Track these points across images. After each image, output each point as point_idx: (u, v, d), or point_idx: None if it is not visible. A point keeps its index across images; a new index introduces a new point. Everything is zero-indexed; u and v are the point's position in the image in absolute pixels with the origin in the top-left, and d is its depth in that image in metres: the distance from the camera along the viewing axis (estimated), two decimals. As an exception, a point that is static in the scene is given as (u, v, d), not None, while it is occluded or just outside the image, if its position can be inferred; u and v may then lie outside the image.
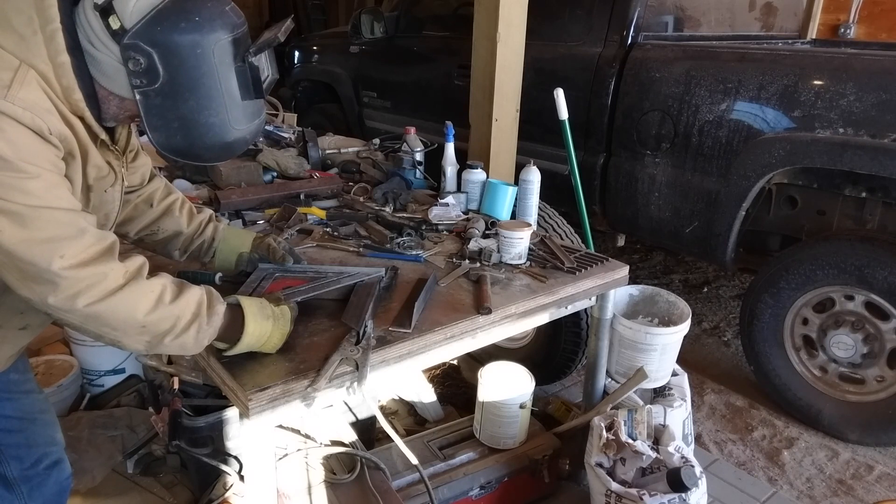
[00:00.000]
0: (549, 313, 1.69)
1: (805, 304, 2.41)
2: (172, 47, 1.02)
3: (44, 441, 1.38)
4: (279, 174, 2.43)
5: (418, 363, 1.43)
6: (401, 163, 2.44)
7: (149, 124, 1.06)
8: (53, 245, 0.96)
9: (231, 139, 1.13)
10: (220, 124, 1.11)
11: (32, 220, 0.94)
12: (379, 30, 3.96)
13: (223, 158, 1.20)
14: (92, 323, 1.02)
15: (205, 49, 1.04)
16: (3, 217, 0.92)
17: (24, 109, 0.93)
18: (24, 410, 1.32)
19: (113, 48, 1.01)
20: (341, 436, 1.74)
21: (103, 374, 2.31)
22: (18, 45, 0.96)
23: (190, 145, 1.11)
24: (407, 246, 1.89)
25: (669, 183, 2.67)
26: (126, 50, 1.00)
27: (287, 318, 1.28)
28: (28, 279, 0.96)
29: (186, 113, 1.07)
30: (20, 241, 0.94)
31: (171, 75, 1.03)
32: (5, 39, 0.96)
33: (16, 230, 0.93)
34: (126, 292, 1.02)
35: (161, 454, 2.09)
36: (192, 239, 1.49)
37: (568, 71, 2.93)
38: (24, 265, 0.95)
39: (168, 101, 1.05)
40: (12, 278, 0.97)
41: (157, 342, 1.08)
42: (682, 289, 3.73)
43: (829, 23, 4.62)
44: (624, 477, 1.72)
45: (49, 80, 0.99)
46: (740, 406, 2.60)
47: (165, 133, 1.08)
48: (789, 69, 2.32)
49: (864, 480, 2.19)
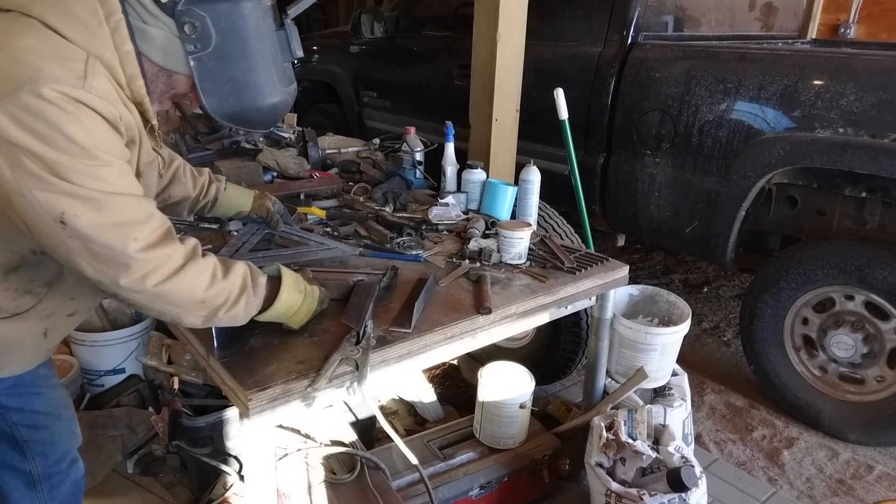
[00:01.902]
0: (549, 313, 1.69)
1: (805, 304, 2.41)
2: (223, 10, 1.09)
3: (67, 437, 1.38)
4: (279, 174, 2.43)
5: (418, 363, 1.43)
6: (401, 163, 2.44)
7: (203, 89, 1.12)
8: (127, 229, 1.00)
9: (277, 100, 1.21)
10: (268, 85, 1.18)
11: (107, 205, 0.98)
12: (379, 30, 3.96)
13: (269, 123, 1.26)
14: (158, 302, 1.07)
15: (251, 11, 1.12)
16: (79, 203, 0.95)
17: (100, 98, 0.98)
18: (52, 406, 1.32)
19: (165, 20, 1.06)
20: (341, 436, 1.74)
21: (103, 374, 2.31)
22: (84, 36, 0.99)
23: (242, 108, 1.17)
24: (407, 246, 1.89)
25: (669, 183, 2.67)
26: (181, 16, 1.06)
27: (315, 297, 1.36)
28: (101, 262, 0.99)
29: (237, 75, 1.14)
30: (96, 226, 0.97)
31: (223, 38, 1.10)
32: (71, 31, 0.98)
33: (92, 215, 0.96)
34: (187, 271, 1.08)
35: (161, 454, 2.09)
36: (197, 200, 1.60)
37: (568, 71, 2.93)
38: (100, 248, 0.98)
39: (220, 65, 1.11)
40: (84, 262, 0.99)
41: (212, 316, 1.14)
42: (682, 289, 3.73)
43: (829, 23, 4.63)
44: (624, 477, 1.72)
45: (114, 68, 1.03)
46: (740, 406, 2.60)
47: (219, 97, 1.14)
48: (789, 69, 2.32)
49: (864, 480, 2.19)
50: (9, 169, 0.92)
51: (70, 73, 0.95)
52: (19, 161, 0.91)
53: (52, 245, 0.98)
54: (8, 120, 0.90)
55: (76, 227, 0.96)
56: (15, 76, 0.91)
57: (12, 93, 0.90)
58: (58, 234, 0.96)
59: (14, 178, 0.92)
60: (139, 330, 2.30)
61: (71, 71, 0.96)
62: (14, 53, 0.94)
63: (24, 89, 0.91)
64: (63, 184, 0.94)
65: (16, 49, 0.94)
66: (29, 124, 0.91)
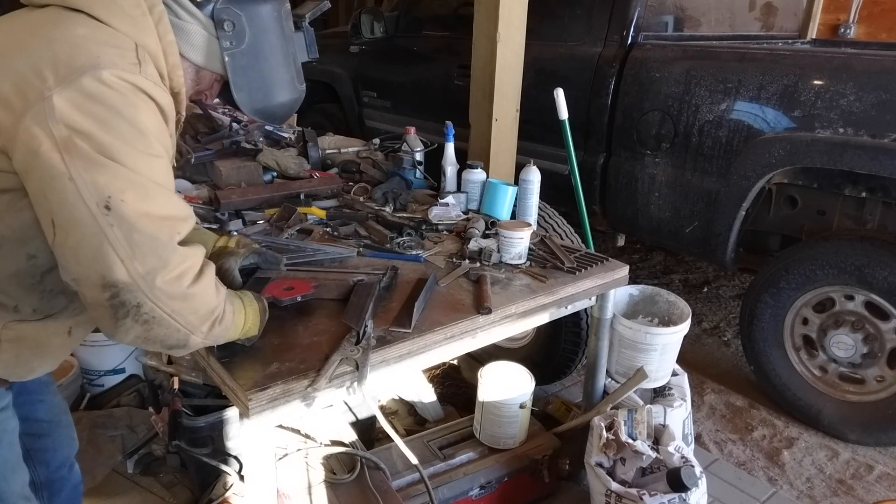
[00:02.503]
0: (549, 313, 1.69)
1: (805, 304, 2.41)
2: (257, 10, 1.17)
3: (66, 444, 1.38)
4: (279, 174, 2.42)
5: (418, 363, 1.43)
6: (401, 163, 2.44)
7: (235, 84, 1.19)
8: (171, 223, 0.99)
9: (297, 95, 1.31)
10: (290, 81, 1.29)
11: (155, 195, 0.97)
12: (379, 30, 3.96)
13: (286, 117, 1.35)
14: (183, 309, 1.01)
15: (279, 12, 1.22)
16: (129, 187, 0.93)
17: (154, 85, 0.99)
18: (53, 413, 1.32)
19: (201, 17, 1.12)
20: (341, 436, 1.74)
21: (103, 374, 2.31)
22: (130, 26, 1.01)
23: (268, 103, 1.26)
24: (407, 246, 1.89)
25: (669, 183, 2.67)
26: (220, 14, 1.12)
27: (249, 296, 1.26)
28: (138, 257, 0.94)
29: (266, 71, 1.22)
30: (142, 214, 0.94)
31: (255, 36, 1.17)
32: (119, 22, 1.00)
33: (139, 203, 0.94)
34: (206, 273, 1.06)
35: (161, 454, 2.09)
36: None
37: (568, 71, 2.93)
38: (142, 238, 0.94)
39: (252, 61, 1.19)
40: (117, 257, 0.93)
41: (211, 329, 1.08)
42: (682, 289, 3.73)
43: (829, 23, 4.63)
44: (624, 477, 1.72)
45: (158, 58, 1.04)
46: (740, 406, 2.60)
47: (248, 92, 1.21)
48: (789, 69, 2.32)
49: (864, 480, 2.19)
50: (59, 152, 0.89)
51: (125, 60, 0.96)
52: (73, 144, 0.90)
53: (81, 240, 0.93)
54: (67, 104, 0.90)
55: (122, 213, 0.92)
56: (74, 62, 0.92)
57: (73, 78, 0.90)
58: (95, 223, 0.91)
59: (64, 160, 0.89)
60: (139, 330, 2.30)
61: (126, 58, 0.97)
62: (72, 40, 0.94)
63: (86, 74, 0.91)
64: (116, 166, 0.92)
65: (73, 36, 0.95)
66: (88, 108, 0.91)
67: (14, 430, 1.14)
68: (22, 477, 1.17)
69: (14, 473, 1.15)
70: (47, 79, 0.90)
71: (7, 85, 0.91)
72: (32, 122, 0.89)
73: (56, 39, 0.94)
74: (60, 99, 0.89)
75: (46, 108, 0.89)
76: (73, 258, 0.94)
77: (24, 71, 0.91)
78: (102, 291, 0.95)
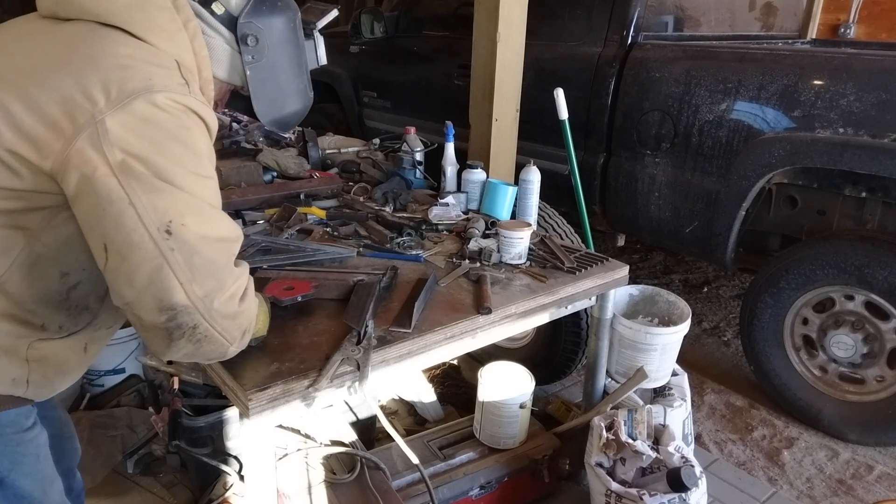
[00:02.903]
0: (549, 313, 1.69)
1: (805, 304, 2.41)
2: (275, 24, 1.20)
3: (70, 455, 1.37)
4: (279, 174, 2.43)
5: (418, 363, 1.43)
6: (401, 163, 2.44)
7: (255, 96, 1.22)
8: (227, 244, 1.01)
9: (308, 103, 1.34)
10: (303, 90, 1.32)
11: (210, 218, 0.98)
12: (379, 30, 3.95)
13: (296, 124, 1.37)
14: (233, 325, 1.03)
15: (294, 24, 1.25)
16: (188, 211, 0.93)
17: (202, 104, 0.99)
18: (55, 427, 1.30)
19: (224, 31, 1.14)
20: (341, 436, 1.74)
21: (103, 374, 2.31)
22: (168, 43, 1.01)
23: (282, 112, 1.29)
24: (407, 246, 1.89)
25: (669, 183, 2.67)
26: (243, 28, 1.15)
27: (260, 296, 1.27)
28: (198, 280, 0.95)
29: (283, 82, 1.26)
30: (201, 237, 0.95)
31: (274, 49, 1.20)
32: (158, 39, 1.00)
33: (199, 226, 0.95)
34: (250, 289, 1.08)
35: (161, 454, 2.09)
36: None
37: (568, 71, 2.93)
38: (202, 261, 0.95)
39: (270, 73, 1.22)
40: (176, 281, 0.93)
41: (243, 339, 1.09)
42: (682, 289, 3.73)
43: (829, 23, 4.63)
44: (624, 477, 1.72)
45: (193, 73, 1.04)
46: (740, 406, 2.60)
47: (267, 103, 1.25)
48: (789, 69, 2.32)
49: (864, 480, 2.19)
50: (115, 177, 0.88)
51: (174, 81, 0.96)
52: (130, 168, 0.89)
53: (138, 265, 0.91)
54: (122, 128, 0.89)
55: (183, 237, 0.92)
56: (126, 85, 0.91)
57: (126, 101, 0.90)
58: (155, 248, 0.91)
59: (122, 185, 0.89)
60: (139, 330, 2.30)
61: (173, 78, 0.97)
62: (119, 61, 0.93)
63: (140, 98, 0.90)
64: (174, 189, 0.92)
65: (119, 56, 0.94)
66: (143, 132, 0.90)
67: (45, 443, 1.14)
68: (58, 487, 1.17)
69: (52, 485, 1.15)
70: (98, 101, 0.89)
71: (53, 106, 0.89)
72: (86, 145, 0.88)
73: (100, 59, 0.93)
74: (114, 122, 0.89)
75: (100, 131, 0.88)
76: (126, 282, 0.93)
77: (72, 93, 0.89)
78: (159, 314, 0.94)
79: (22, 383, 1.02)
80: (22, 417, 1.07)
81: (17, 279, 0.97)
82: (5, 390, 1.01)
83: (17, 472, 1.06)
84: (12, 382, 1.01)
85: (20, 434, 1.07)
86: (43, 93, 0.90)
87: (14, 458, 1.06)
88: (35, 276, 0.98)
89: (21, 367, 1.02)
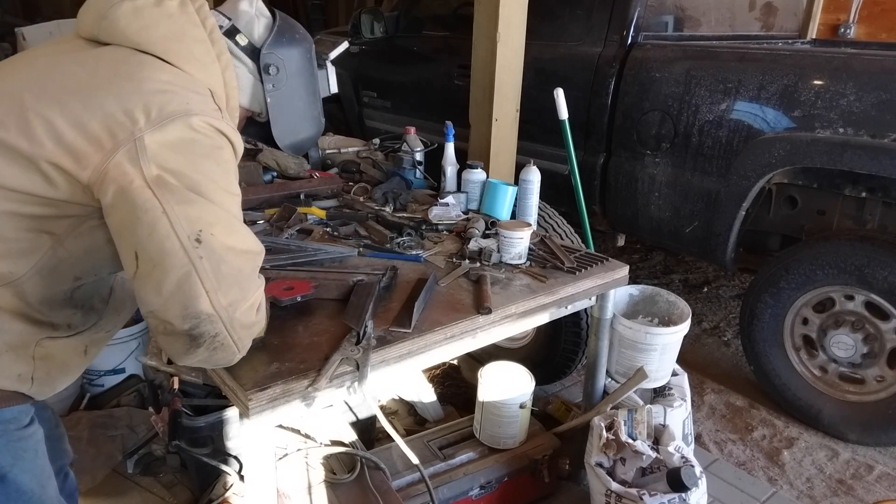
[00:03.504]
0: (549, 313, 1.69)
1: (805, 304, 2.41)
2: (293, 55, 1.29)
3: (60, 455, 1.38)
4: (279, 174, 2.42)
5: (418, 363, 1.43)
6: (401, 163, 2.44)
7: (275, 122, 1.31)
8: (251, 256, 1.06)
9: (320, 129, 1.44)
10: (316, 117, 1.41)
11: (237, 231, 1.03)
12: (379, 30, 3.95)
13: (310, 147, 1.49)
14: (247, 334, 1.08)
15: (310, 55, 1.35)
16: (217, 222, 0.99)
17: (233, 130, 1.05)
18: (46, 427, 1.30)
19: (247, 62, 1.24)
20: (341, 436, 1.74)
21: (103, 374, 2.31)
22: (203, 73, 1.08)
23: (298, 137, 1.39)
24: (407, 246, 1.89)
25: (669, 183, 2.67)
26: (266, 58, 1.25)
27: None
28: (224, 288, 0.99)
29: (299, 109, 1.35)
30: (228, 248, 1.00)
31: (292, 78, 1.30)
32: (193, 69, 1.06)
33: (226, 237, 1.00)
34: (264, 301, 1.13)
35: (161, 454, 2.09)
36: None
37: (568, 71, 2.93)
38: (229, 270, 1.00)
39: (288, 101, 1.31)
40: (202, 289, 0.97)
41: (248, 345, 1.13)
42: (682, 289, 3.73)
43: (829, 23, 4.63)
44: (624, 477, 1.72)
45: (222, 102, 1.10)
46: (740, 406, 2.60)
47: (286, 129, 1.35)
48: (789, 69, 2.32)
49: (864, 480, 2.19)
50: (150, 189, 0.94)
51: (209, 106, 1.02)
52: (164, 181, 0.94)
53: (167, 271, 0.95)
54: (159, 146, 0.95)
55: (212, 246, 0.97)
56: (167, 108, 0.97)
57: (165, 123, 0.96)
58: (185, 255, 0.95)
59: (156, 195, 0.94)
60: (139, 330, 2.30)
61: (208, 104, 1.03)
62: (160, 86, 0.99)
63: (178, 120, 0.97)
64: (204, 201, 0.97)
65: (160, 82, 1.00)
66: (179, 150, 0.96)
67: (43, 439, 1.16)
68: (54, 483, 1.19)
69: (49, 481, 1.17)
70: (138, 120, 0.95)
71: (95, 123, 0.94)
72: (124, 159, 0.94)
73: (142, 82, 0.99)
74: (152, 140, 0.95)
75: (138, 147, 0.94)
76: (154, 290, 0.97)
77: (114, 111, 0.95)
78: (183, 322, 0.98)
79: (27, 380, 1.05)
80: (23, 414, 1.09)
81: (35, 281, 1.01)
82: (10, 386, 1.04)
83: (19, 468, 1.08)
84: (18, 378, 1.04)
85: (21, 430, 1.09)
86: (86, 110, 0.95)
87: (16, 454, 1.08)
88: (52, 280, 1.03)
89: (27, 364, 1.04)
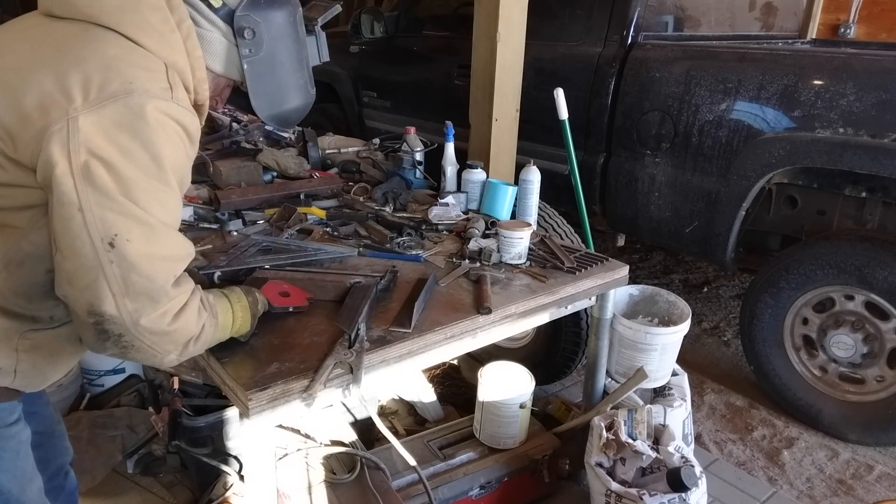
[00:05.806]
0: (549, 313, 1.69)
1: (805, 304, 2.41)
2: (273, 18, 1.17)
3: (61, 453, 1.37)
4: (279, 174, 2.42)
5: (418, 363, 1.43)
6: (401, 163, 2.44)
7: (253, 91, 1.20)
8: (170, 263, 0.99)
9: (309, 100, 1.32)
10: (303, 86, 1.29)
11: (159, 235, 0.96)
12: (379, 30, 3.95)
13: (298, 121, 1.35)
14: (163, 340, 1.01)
15: (294, 19, 1.23)
16: (136, 227, 0.93)
17: (185, 110, 0.98)
18: (46, 424, 1.31)
19: (221, 25, 1.12)
20: (341, 436, 1.74)
21: (103, 374, 2.31)
22: (160, 44, 1.00)
23: (281, 108, 1.27)
24: (407, 246, 1.89)
25: (669, 183, 2.67)
26: (240, 21, 1.13)
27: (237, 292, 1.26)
28: (130, 295, 0.94)
29: (282, 77, 1.23)
30: (144, 254, 0.94)
31: (272, 43, 1.18)
32: (149, 41, 0.99)
33: (143, 242, 0.94)
34: (190, 307, 1.04)
35: (161, 454, 2.09)
36: None
37: (568, 71, 2.93)
38: (139, 279, 0.94)
39: (269, 68, 1.20)
40: (109, 293, 0.93)
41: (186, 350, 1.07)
42: (682, 289, 3.73)
43: (829, 23, 4.62)
44: (624, 477, 1.72)
45: (185, 74, 1.04)
46: (740, 406, 2.60)
47: (266, 99, 1.23)
48: (789, 69, 2.32)
49: (864, 480, 2.19)
50: (72, 178, 0.88)
51: (158, 85, 0.96)
52: (90, 172, 0.89)
53: (77, 269, 0.92)
54: (94, 128, 0.89)
55: (125, 252, 0.92)
56: (106, 86, 0.91)
57: (103, 102, 0.90)
58: (95, 258, 0.91)
59: (76, 189, 0.89)
60: (139, 330, 2.30)
61: (158, 83, 0.96)
62: (104, 62, 0.93)
63: (117, 100, 0.90)
64: (128, 204, 0.92)
65: (105, 57, 0.94)
66: (114, 136, 0.90)
67: (27, 440, 1.14)
68: (37, 484, 1.17)
69: (31, 482, 1.15)
70: (75, 99, 0.89)
71: (30, 100, 0.90)
72: (54, 140, 0.88)
73: (87, 59, 0.93)
74: (87, 122, 0.89)
75: (70, 128, 0.88)
76: (66, 280, 0.95)
77: (51, 89, 0.90)
78: (89, 316, 0.95)
79: (9, 373, 1.03)
80: (6, 413, 1.08)
81: (4, 276, 0.99)
82: None
83: None
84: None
85: (2, 429, 1.07)
86: (23, 86, 0.90)
87: None
88: (22, 274, 1.00)
89: (9, 357, 1.03)
